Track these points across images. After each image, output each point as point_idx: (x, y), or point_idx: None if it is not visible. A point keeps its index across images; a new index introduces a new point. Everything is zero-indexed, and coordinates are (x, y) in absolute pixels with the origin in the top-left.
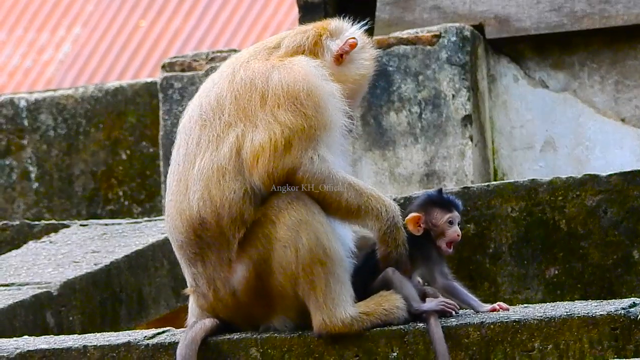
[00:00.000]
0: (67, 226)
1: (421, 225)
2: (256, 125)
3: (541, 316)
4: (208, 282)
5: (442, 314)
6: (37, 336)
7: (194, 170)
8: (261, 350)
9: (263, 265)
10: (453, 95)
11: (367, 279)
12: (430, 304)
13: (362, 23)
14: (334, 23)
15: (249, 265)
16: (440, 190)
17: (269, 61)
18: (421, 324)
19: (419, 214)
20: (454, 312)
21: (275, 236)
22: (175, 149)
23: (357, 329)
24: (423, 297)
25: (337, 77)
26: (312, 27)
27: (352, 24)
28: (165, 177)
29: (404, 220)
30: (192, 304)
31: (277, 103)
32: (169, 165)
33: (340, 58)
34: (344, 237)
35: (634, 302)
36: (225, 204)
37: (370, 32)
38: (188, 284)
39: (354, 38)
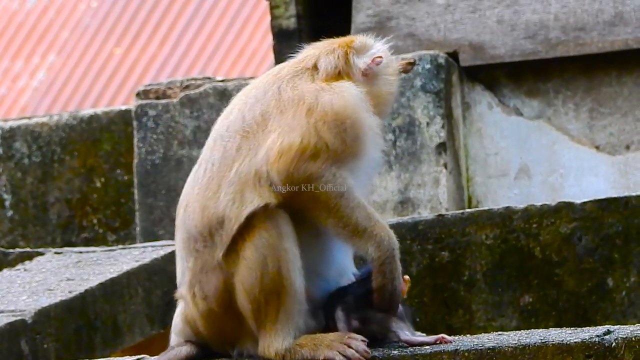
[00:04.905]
0: (41, 254)
1: None
2: (293, 129)
3: (516, 343)
4: (190, 282)
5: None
6: None
7: (230, 172)
8: None
9: (230, 279)
10: (427, 123)
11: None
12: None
13: (386, 38)
14: (359, 39)
15: (220, 275)
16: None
17: (315, 83)
18: None
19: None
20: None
21: (242, 254)
22: (208, 150)
23: None
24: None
25: (368, 96)
26: (337, 45)
27: (376, 40)
28: (140, 205)
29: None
30: (177, 316)
31: (323, 119)
32: (144, 192)
33: (366, 76)
34: (342, 258)
35: (608, 330)
36: (254, 202)
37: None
38: (178, 284)
39: (380, 56)
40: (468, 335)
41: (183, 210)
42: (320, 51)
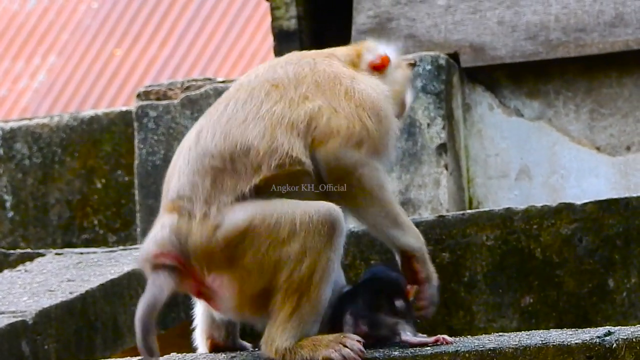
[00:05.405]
0: (42, 255)
1: None
2: (336, 111)
3: (516, 345)
4: (206, 201)
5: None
6: None
7: (259, 110)
8: None
9: (257, 236)
10: (428, 124)
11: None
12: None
13: (396, 44)
14: (370, 42)
15: (250, 218)
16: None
17: (347, 68)
18: None
19: None
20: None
21: (285, 238)
22: (232, 91)
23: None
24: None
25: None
26: (351, 46)
27: (387, 45)
28: (141, 206)
29: None
30: (163, 227)
31: (362, 106)
32: (144, 194)
33: (373, 72)
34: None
35: (609, 331)
36: (285, 146)
37: None
38: (175, 196)
39: (386, 54)
40: (469, 336)
41: (195, 135)
42: (338, 48)
